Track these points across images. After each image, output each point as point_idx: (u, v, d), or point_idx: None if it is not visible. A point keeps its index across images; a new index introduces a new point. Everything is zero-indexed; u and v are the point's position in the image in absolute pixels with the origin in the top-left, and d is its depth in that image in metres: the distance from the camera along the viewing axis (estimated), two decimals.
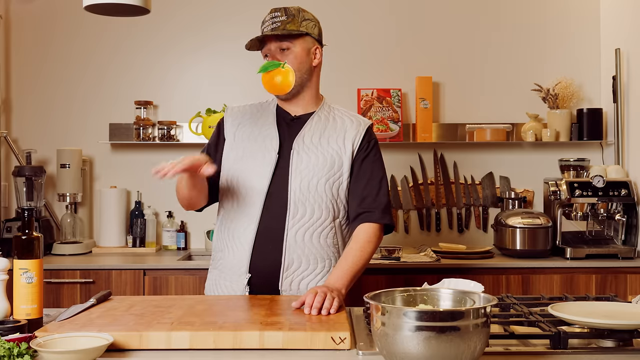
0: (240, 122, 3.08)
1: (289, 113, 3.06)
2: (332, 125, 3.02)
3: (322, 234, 2.91)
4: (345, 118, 3.06)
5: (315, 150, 2.94)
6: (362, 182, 2.97)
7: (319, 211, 2.90)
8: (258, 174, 2.93)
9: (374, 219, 2.94)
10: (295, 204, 2.88)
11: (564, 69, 5.07)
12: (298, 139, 2.96)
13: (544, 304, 2.53)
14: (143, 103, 4.95)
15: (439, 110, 5.11)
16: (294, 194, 2.88)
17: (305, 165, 2.91)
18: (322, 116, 3.04)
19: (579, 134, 4.92)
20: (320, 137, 2.98)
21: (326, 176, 2.92)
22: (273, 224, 2.89)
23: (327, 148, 2.95)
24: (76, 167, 4.84)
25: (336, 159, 2.94)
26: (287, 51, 2.96)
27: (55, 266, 4.29)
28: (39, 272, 2.26)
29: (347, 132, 3.00)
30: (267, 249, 2.89)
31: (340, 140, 2.98)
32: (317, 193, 2.90)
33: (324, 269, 2.92)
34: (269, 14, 2.98)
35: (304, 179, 2.90)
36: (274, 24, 2.94)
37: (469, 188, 5.09)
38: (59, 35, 5.09)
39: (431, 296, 2.02)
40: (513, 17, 5.13)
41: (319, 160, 2.93)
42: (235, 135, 3.05)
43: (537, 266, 4.32)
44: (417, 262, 4.31)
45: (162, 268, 4.35)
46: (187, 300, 2.69)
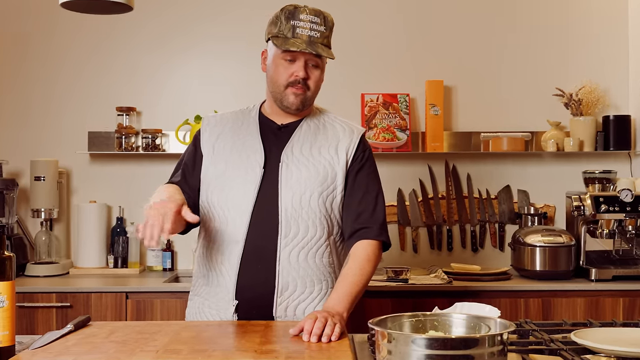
0: (219, 133, 3.04)
1: (274, 122, 3.03)
2: (322, 133, 3.00)
3: (317, 253, 2.90)
4: (336, 125, 3.05)
5: (305, 162, 2.92)
6: (358, 196, 2.97)
7: (313, 228, 2.88)
8: (242, 192, 2.90)
9: (372, 236, 2.93)
10: (287, 221, 2.86)
11: (588, 72, 5.08)
12: (286, 150, 2.94)
13: (566, 331, 2.52)
14: (125, 109, 4.95)
15: (451, 118, 5.12)
16: (285, 210, 2.86)
17: (296, 178, 2.89)
18: (311, 124, 3.02)
19: (604, 143, 4.93)
20: (311, 147, 2.96)
21: (319, 190, 2.90)
22: (262, 245, 2.86)
23: (319, 159, 2.94)
24: (52, 179, 4.84)
25: (329, 170, 2.93)
26: (314, 69, 2.94)
27: (29, 289, 4.29)
28: (11, 296, 2.26)
29: (340, 141, 2.99)
30: (256, 273, 2.87)
31: (333, 149, 2.96)
32: (310, 208, 2.88)
33: (321, 291, 2.91)
34: (306, 13, 2.89)
35: (295, 194, 2.88)
36: (313, 32, 2.86)
37: (483, 203, 5.09)
38: (33, 36, 5.10)
39: (442, 322, 2.02)
40: (532, 16, 5.14)
41: (311, 172, 2.90)
42: (214, 149, 3.01)
43: (558, 289, 4.32)
44: (427, 285, 4.31)
45: (146, 291, 4.34)
46: (173, 326, 2.69)
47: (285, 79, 2.91)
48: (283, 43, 2.86)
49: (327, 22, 2.89)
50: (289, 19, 2.87)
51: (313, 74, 2.92)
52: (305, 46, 2.82)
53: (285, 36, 2.86)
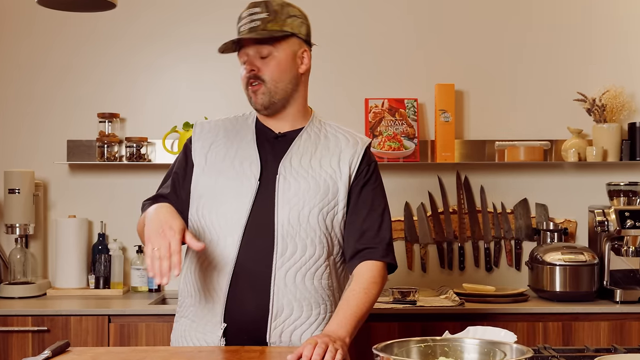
0: (212, 141, 3.03)
1: (272, 130, 3.02)
2: (324, 144, 2.99)
3: (315, 275, 2.88)
4: (339, 135, 3.03)
5: (305, 175, 2.90)
6: (362, 213, 2.95)
7: (312, 247, 2.86)
8: (235, 206, 2.88)
9: (377, 257, 2.93)
10: (284, 239, 2.83)
11: (612, 75, 5.09)
12: (284, 162, 2.92)
13: (589, 357, 2.53)
14: (107, 116, 4.96)
15: (463, 125, 5.13)
16: (282, 227, 2.84)
17: (294, 192, 2.87)
18: (311, 133, 3.01)
19: (630, 152, 4.93)
20: (311, 158, 2.94)
21: (319, 205, 2.88)
22: (255, 264, 2.84)
23: (320, 172, 2.91)
24: (27, 192, 4.84)
25: (330, 184, 2.91)
26: (268, 58, 2.90)
27: (3, 311, 4.29)
28: None
29: (343, 153, 2.97)
30: (248, 295, 2.83)
31: (335, 162, 2.94)
32: (309, 225, 2.86)
33: (319, 316, 2.90)
34: (246, 9, 2.93)
35: (292, 209, 2.85)
36: (253, 22, 2.88)
37: (498, 218, 5.10)
38: (6, 35, 5.11)
39: (453, 347, 2.02)
40: (551, 14, 5.15)
41: (310, 186, 2.88)
42: (206, 158, 2.99)
43: (580, 311, 4.33)
44: (437, 307, 4.32)
45: (131, 314, 4.34)
46: (160, 352, 2.69)
47: (244, 82, 2.95)
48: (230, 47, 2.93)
49: (269, 6, 2.88)
50: (237, 23, 2.94)
51: (266, 64, 2.89)
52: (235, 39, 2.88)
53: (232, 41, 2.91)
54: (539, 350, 2.62)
